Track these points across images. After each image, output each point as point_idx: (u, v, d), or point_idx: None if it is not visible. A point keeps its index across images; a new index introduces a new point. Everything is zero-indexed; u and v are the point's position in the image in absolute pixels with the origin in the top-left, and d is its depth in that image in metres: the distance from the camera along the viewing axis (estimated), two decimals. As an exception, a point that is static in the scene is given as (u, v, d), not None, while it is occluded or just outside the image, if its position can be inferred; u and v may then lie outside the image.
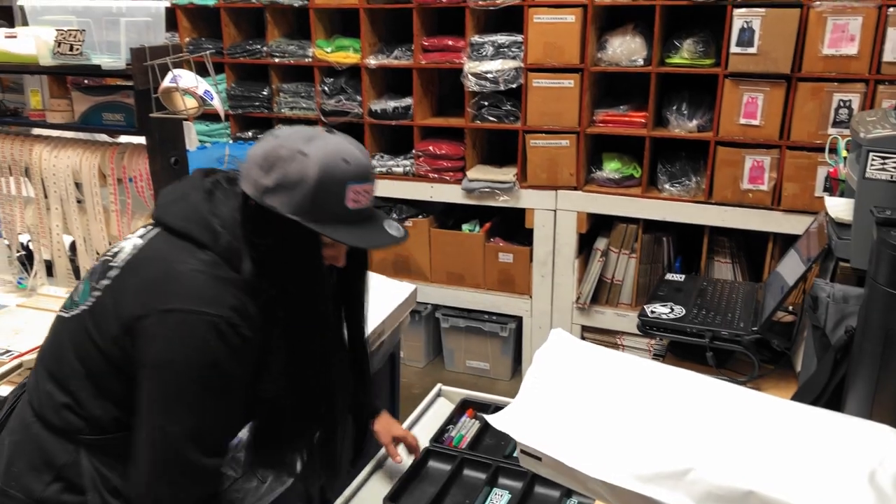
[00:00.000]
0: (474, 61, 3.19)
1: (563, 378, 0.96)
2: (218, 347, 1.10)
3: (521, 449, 0.88)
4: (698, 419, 0.86)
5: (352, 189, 1.12)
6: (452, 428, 1.86)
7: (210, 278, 1.12)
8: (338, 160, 1.11)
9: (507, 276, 3.45)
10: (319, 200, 1.10)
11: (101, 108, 1.74)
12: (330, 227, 1.12)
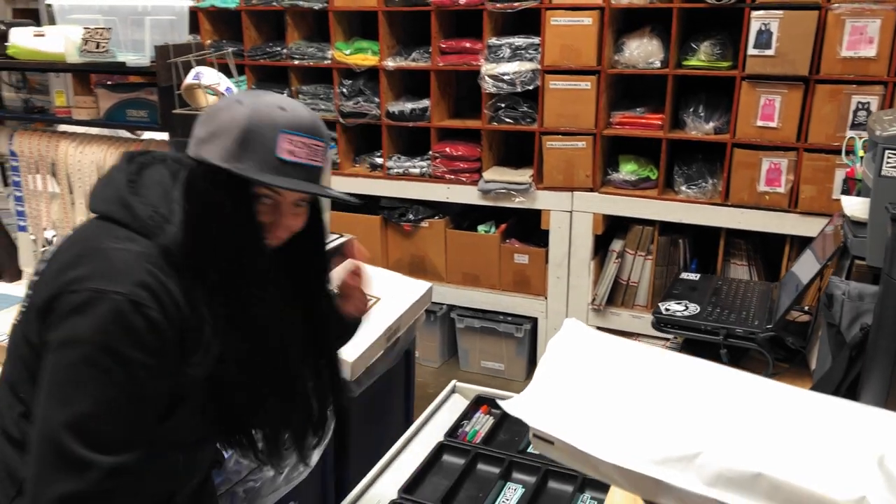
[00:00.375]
0: (491, 63, 3.21)
1: (575, 365, 0.98)
2: (114, 329, 0.99)
3: (533, 433, 0.90)
4: (709, 404, 0.87)
5: (285, 137, 1.04)
6: (467, 423, 1.87)
7: (120, 254, 1.03)
8: (272, 107, 1.05)
9: (522, 277, 3.46)
10: (248, 145, 1.02)
11: (126, 105, 1.78)
12: (258, 173, 1.03)
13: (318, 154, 1.08)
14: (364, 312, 1.54)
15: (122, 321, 0.98)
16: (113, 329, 0.98)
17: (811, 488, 0.73)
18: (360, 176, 3.66)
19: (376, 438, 2.38)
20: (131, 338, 0.99)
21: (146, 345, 1.00)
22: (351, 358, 2.09)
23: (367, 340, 2.18)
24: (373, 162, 3.67)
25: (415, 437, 1.83)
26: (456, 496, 1.58)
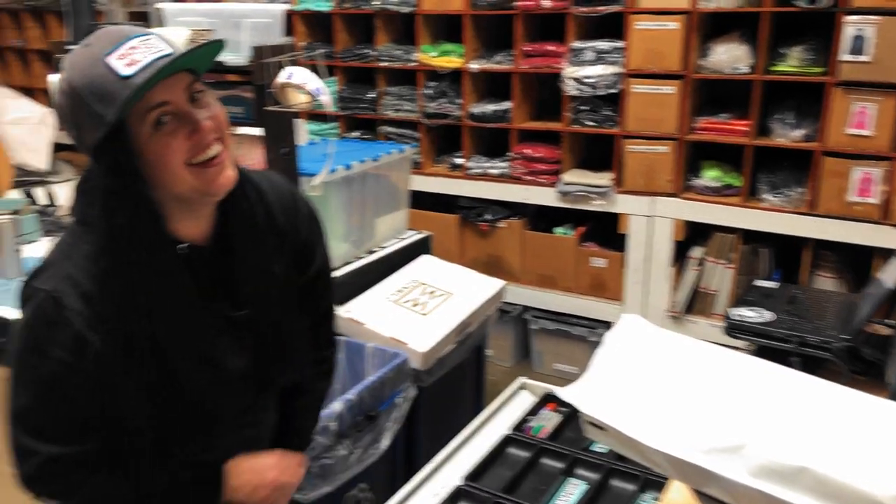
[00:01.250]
0: (574, 66, 3.23)
1: (631, 357, 1.01)
2: (37, 325, 1.01)
3: (585, 419, 0.93)
4: (759, 399, 0.88)
5: (112, 58, 0.94)
6: (533, 419, 1.91)
7: (59, 250, 1.04)
8: (79, 54, 0.96)
9: (598, 280, 3.46)
10: (95, 97, 0.94)
11: (224, 102, 1.89)
12: (121, 105, 0.93)
13: (154, 45, 0.96)
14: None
15: (43, 317, 0.99)
16: (36, 325, 1.01)
17: (854, 484, 0.74)
18: (440, 175, 3.74)
19: (445, 428, 2.43)
20: (51, 333, 1.00)
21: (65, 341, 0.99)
22: (422, 349, 2.16)
23: (438, 333, 2.25)
24: (453, 162, 3.74)
25: (481, 428, 1.87)
26: (519, 487, 1.61)
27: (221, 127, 1.03)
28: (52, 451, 1.04)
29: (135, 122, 0.96)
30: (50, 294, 0.99)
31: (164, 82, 0.96)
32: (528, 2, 3.28)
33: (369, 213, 2.52)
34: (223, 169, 1.02)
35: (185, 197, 1.03)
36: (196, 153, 1.00)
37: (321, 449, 1.80)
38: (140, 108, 0.95)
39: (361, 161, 2.40)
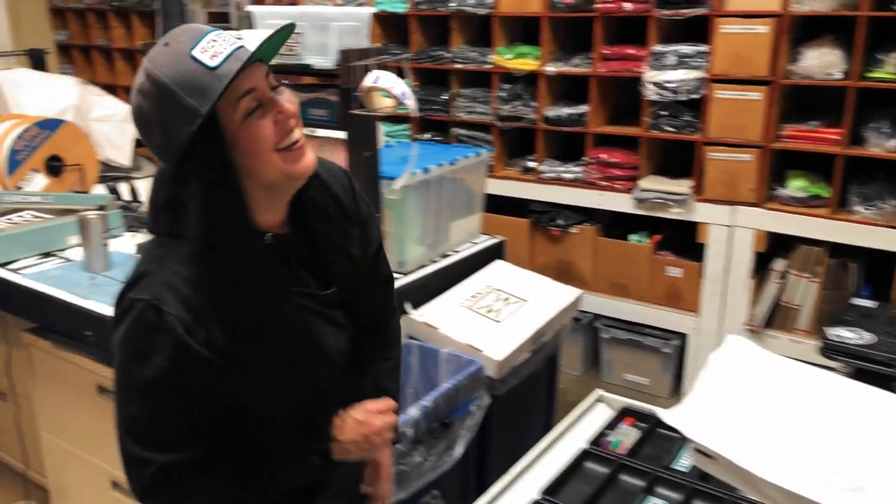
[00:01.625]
0: (655, 70, 3.15)
1: (738, 381, 0.96)
2: (138, 334, 1.02)
3: (693, 447, 0.89)
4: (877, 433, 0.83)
5: (197, 51, 0.96)
6: (610, 433, 1.86)
7: (149, 261, 1.06)
8: (162, 52, 0.98)
9: (674, 290, 3.37)
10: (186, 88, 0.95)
11: (308, 104, 1.92)
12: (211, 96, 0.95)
13: (228, 39, 0.99)
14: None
15: (144, 326, 1.00)
16: (137, 335, 1.01)
17: None
18: (512, 179, 3.70)
19: (517, 438, 2.41)
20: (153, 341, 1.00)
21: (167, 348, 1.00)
22: (498, 357, 2.13)
23: (514, 342, 2.22)
24: (525, 165, 3.70)
25: (557, 441, 1.83)
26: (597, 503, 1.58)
27: (297, 115, 1.06)
28: (164, 459, 1.04)
29: (226, 112, 0.98)
30: (149, 303, 1.00)
31: (248, 71, 0.98)
32: (608, 4, 3.21)
33: (444, 217, 2.51)
34: (305, 152, 1.06)
35: (273, 184, 1.04)
36: (282, 137, 1.02)
37: (397, 455, 1.79)
38: (230, 96, 0.97)
39: (439, 165, 2.38)
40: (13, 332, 2.42)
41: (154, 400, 1.03)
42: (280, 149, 1.02)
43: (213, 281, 1.02)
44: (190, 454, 1.05)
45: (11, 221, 2.57)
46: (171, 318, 0.99)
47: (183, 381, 1.02)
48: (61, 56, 5.71)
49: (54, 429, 2.41)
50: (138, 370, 1.02)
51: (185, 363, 1.01)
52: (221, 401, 1.06)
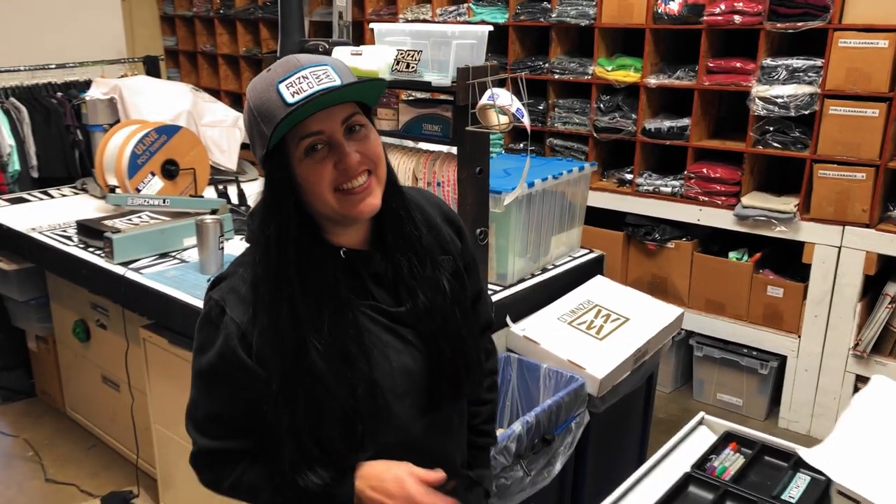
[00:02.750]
0: (764, 85, 3.06)
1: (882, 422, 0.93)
2: (204, 327, 1.10)
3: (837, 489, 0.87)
4: None
5: (283, 85, 1.02)
6: (715, 458, 1.82)
7: (233, 264, 1.15)
8: (262, 78, 1.06)
9: (774, 311, 3.26)
10: (265, 119, 1.03)
11: (423, 120, 1.95)
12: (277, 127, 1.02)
13: (323, 77, 1.03)
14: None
15: (210, 322, 1.09)
16: (204, 330, 1.10)
17: None
18: (607, 191, 3.67)
19: (612, 457, 2.39)
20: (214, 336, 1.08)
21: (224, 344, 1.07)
22: (600, 375, 2.12)
23: (616, 359, 2.20)
24: (622, 177, 3.66)
25: (660, 463, 1.81)
26: (706, 531, 1.55)
27: (372, 160, 1.08)
28: (204, 444, 1.15)
29: (291, 145, 1.04)
30: (217, 302, 1.09)
31: (322, 112, 1.03)
32: (716, 16, 3.14)
33: (545, 231, 2.51)
34: (366, 197, 1.07)
35: (330, 218, 1.10)
36: (342, 181, 1.06)
37: (500, 468, 1.81)
38: (296, 133, 1.03)
39: (543, 179, 2.39)
40: (132, 327, 2.56)
41: (203, 388, 1.13)
42: (338, 189, 1.06)
43: (268, 289, 1.07)
44: (227, 445, 1.14)
45: (132, 222, 2.72)
46: (228, 320, 1.07)
47: (225, 380, 1.10)
48: (169, 61, 5.99)
49: (164, 421, 2.53)
50: (198, 359, 1.12)
51: (230, 364, 1.08)
52: (258, 405, 1.09)
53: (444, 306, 1.17)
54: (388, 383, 1.11)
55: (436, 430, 1.21)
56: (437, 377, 1.17)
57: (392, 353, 1.13)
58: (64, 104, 3.81)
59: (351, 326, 1.09)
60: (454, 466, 1.28)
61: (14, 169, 3.64)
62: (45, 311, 3.20)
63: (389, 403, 1.11)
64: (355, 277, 1.13)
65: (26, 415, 3.38)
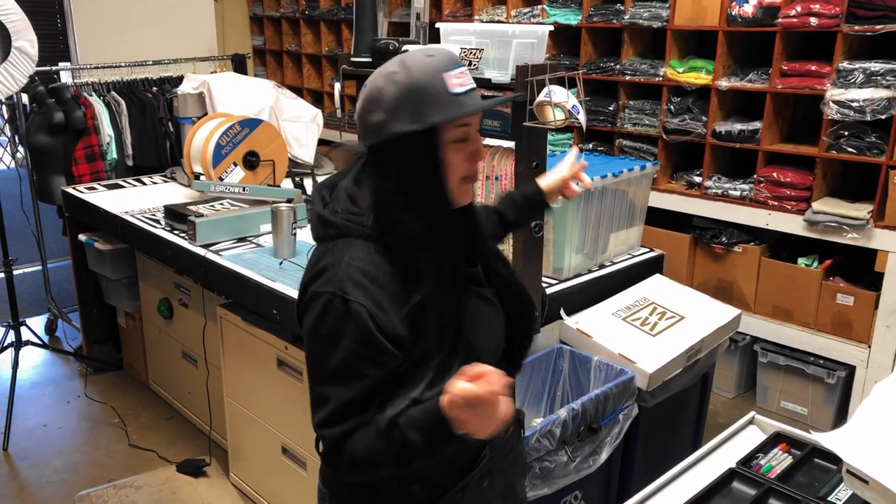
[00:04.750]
0: (839, 88, 3.01)
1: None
2: (328, 323, 1.11)
3: (847, 469, 0.91)
4: None
5: (449, 76, 1.12)
6: (762, 457, 1.83)
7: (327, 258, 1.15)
8: (423, 60, 1.12)
9: (843, 319, 3.19)
10: (426, 100, 1.10)
11: (484, 115, 2.04)
12: (448, 115, 1.11)
13: (470, 77, 1.16)
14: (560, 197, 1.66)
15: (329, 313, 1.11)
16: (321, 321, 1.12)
17: None
18: (675, 193, 3.66)
19: (662, 452, 2.41)
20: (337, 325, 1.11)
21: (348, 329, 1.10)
22: (649, 370, 2.16)
23: (667, 355, 2.23)
24: (690, 180, 3.64)
25: (705, 458, 1.82)
26: (744, 525, 1.57)
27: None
28: (332, 435, 1.13)
29: (444, 130, 1.13)
30: (334, 293, 1.11)
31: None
32: (791, 19, 3.10)
33: (604, 227, 2.55)
34: (471, 188, 1.22)
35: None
36: (469, 172, 1.18)
37: (544, 451, 1.87)
38: (454, 122, 1.13)
39: (603, 176, 2.43)
40: (210, 306, 2.75)
41: (340, 382, 1.12)
42: (463, 178, 1.18)
43: (390, 270, 1.12)
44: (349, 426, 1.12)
45: (214, 208, 2.91)
46: (356, 305, 1.09)
47: (367, 362, 1.11)
48: (256, 59, 6.27)
49: (236, 395, 2.70)
50: (328, 355, 1.12)
51: (370, 348, 1.10)
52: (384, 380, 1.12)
53: (518, 280, 1.32)
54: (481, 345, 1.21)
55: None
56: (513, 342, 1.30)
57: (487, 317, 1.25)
58: (158, 98, 4.08)
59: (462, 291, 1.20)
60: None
61: (112, 157, 3.93)
62: (134, 289, 3.45)
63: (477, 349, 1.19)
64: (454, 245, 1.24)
65: (114, 385, 3.65)
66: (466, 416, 1.00)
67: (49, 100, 3.77)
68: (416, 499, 1.24)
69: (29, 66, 3.20)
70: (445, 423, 1.03)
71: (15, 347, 3.42)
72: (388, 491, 1.24)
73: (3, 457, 3.08)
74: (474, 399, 0.98)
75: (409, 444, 1.07)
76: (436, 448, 1.08)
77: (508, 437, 1.36)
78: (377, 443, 1.10)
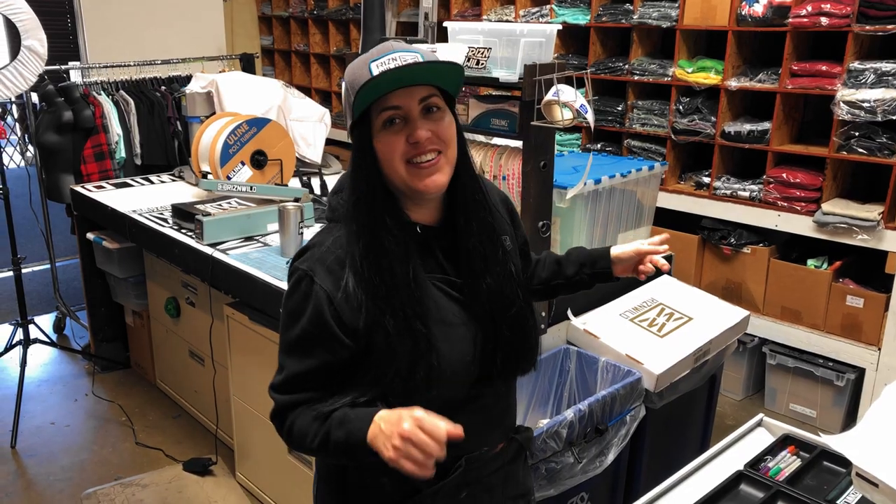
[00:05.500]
0: (850, 89, 2.98)
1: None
2: (295, 296, 1.16)
3: (856, 472, 0.90)
4: None
5: (375, 64, 1.12)
6: (770, 459, 1.82)
7: (315, 239, 1.22)
8: (358, 58, 1.16)
9: (853, 321, 3.17)
10: (353, 90, 1.13)
11: (491, 115, 2.04)
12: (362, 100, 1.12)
13: (410, 60, 1.11)
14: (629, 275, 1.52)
15: (298, 288, 1.16)
16: (292, 295, 1.17)
17: None
18: (684, 193, 3.64)
19: (670, 454, 2.40)
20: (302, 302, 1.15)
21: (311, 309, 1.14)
22: (657, 371, 2.14)
23: (674, 356, 2.21)
24: (699, 181, 3.63)
25: (713, 460, 1.81)
26: (750, 528, 1.56)
27: (443, 141, 1.17)
28: (280, 401, 1.20)
29: (374, 117, 1.14)
30: (305, 272, 1.16)
31: (403, 90, 1.12)
32: (802, 18, 3.08)
33: (612, 228, 2.54)
34: (433, 173, 1.16)
35: (402, 190, 1.18)
36: (412, 155, 1.15)
37: (550, 452, 1.86)
38: (378, 106, 1.13)
39: (611, 176, 2.42)
40: (217, 304, 2.75)
41: (293, 354, 1.18)
42: (409, 162, 1.15)
43: (356, 261, 1.15)
44: (297, 398, 1.18)
45: (221, 207, 2.91)
46: (318, 289, 1.14)
47: (315, 345, 1.16)
48: (264, 59, 6.28)
49: (243, 394, 2.70)
50: (289, 328, 1.18)
51: (322, 332, 1.15)
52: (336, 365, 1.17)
53: (510, 287, 1.25)
54: (446, 348, 1.17)
55: (485, 390, 1.27)
56: (492, 354, 1.24)
57: (456, 324, 1.20)
58: (166, 97, 4.09)
59: (423, 300, 1.16)
60: (502, 427, 1.36)
61: (120, 156, 3.94)
62: (141, 288, 3.46)
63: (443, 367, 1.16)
64: (428, 252, 1.22)
65: (121, 384, 3.66)
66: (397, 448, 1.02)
67: (58, 99, 3.78)
68: (386, 491, 1.25)
69: (38, 64, 3.21)
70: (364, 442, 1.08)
71: (23, 346, 3.44)
72: (359, 477, 1.27)
73: (11, 454, 3.09)
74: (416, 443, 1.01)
75: (332, 440, 1.13)
76: (356, 456, 1.12)
77: (497, 453, 1.33)
78: (310, 425, 1.16)
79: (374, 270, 1.14)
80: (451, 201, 1.23)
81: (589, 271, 1.51)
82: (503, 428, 1.36)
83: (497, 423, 1.34)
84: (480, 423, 1.28)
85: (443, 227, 1.24)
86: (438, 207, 1.25)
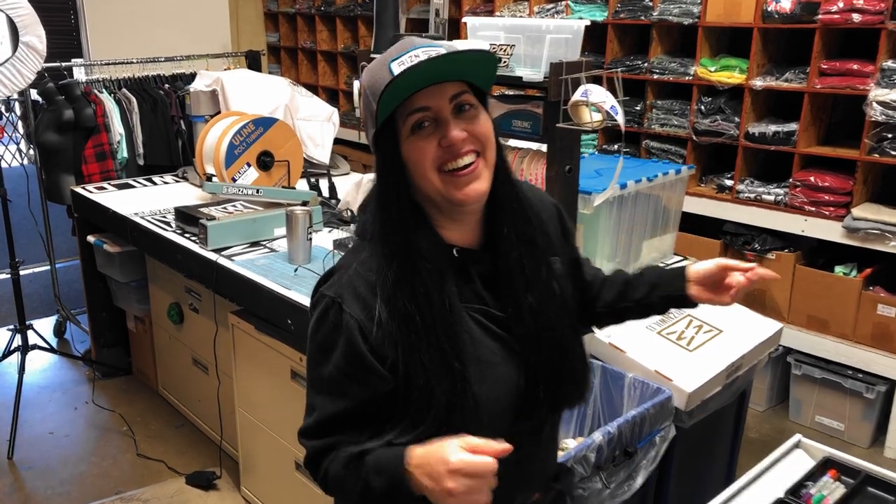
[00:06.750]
0: (884, 89, 2.85)
1: None
2: (324, 329, 1.04)
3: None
4: None
5: (395, 63, 0.99)
6: (811, 485, 1.70)
7: (343, 260, 1.10)
8: (376, 59, 1.04)
9: (884, 331, 3.04)
10: (374, 95, 1.00)
11: (513, 116, 1.91)
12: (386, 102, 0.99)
13: (434, 54, 0.98)
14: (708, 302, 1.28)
15: (325, 319, 1.04)
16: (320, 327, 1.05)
17: None
18: (705, 196, 3.51)
19: (698, 474, 2.28)
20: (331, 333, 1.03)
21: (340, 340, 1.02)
22: (689, 388, 2.02)
23: (707, 373, 2.09)
24: (721, 183, 3.50)
25: (749, 486, 1.71)
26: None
27: (480, 141, 1.03)
28: (312, 446, 1.09)
29: (400, 122, 1.01)
30: (333, 299, 1.04)
31: (430, 89, 0.99)
32: (833, 15, 2.95)
33: (637, 235, 2.42)
34: (472, 181, 1.02)
35: (435, 202, 1.04)
36: (446, 160, 1.01)
37: (578, 478, 1.75)
38: (404, 109, 1.00)
39: (637, 181, 2.30)
40: (222, 312, 2.63)
41: (327, 392, 1.06)
42: (443, 170, 1.02)
43: (387, 288, 1.02)
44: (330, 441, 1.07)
45: (226, 211, 2.80)
46: (348, 318, 1.02)
47: (354, 381, 1.04)
48: (270, 56, 6.17)
49: (248, 406, 2.59)
50: (320, 364, 1.06)
51: (357, 366, 1.03)
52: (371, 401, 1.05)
53: (553, 312, 1.11)
54: (482, 390, 1.05)
55: (525, 436, 1.13)
56: (535, 386, 1.10)
57: (495, 363, 1.08)
58: (170, 95, 3.98)
59: (459, 334, 1.03)
60: (542, 477, 1.24)
61: (122, 156, 3.83)
62: (143, 292, 3.35)
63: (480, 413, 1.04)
64: (465, 279, 1.08)
65: (123, 391, 3.55)
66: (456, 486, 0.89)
67: (59, 97, 3.67)
68: None
69: (37, 61, 3.10)
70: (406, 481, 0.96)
71: (21, 352, 3.33)
72: None
73: (8, 466, 2.98)
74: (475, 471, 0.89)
75: (371, 487, 1.01)
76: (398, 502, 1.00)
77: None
78: (345, 471, 1.05)
79: (408, 299, 1.01)
80: (491, 215, 1.09)
81: (661, 293, 1.27)
82: (543, 476, 1.23)
83: (536, 470, 1.21)
84: (515, 473, 1.13)
85: (482, 250, 1.10)
86: (477, 227, 1.10)
